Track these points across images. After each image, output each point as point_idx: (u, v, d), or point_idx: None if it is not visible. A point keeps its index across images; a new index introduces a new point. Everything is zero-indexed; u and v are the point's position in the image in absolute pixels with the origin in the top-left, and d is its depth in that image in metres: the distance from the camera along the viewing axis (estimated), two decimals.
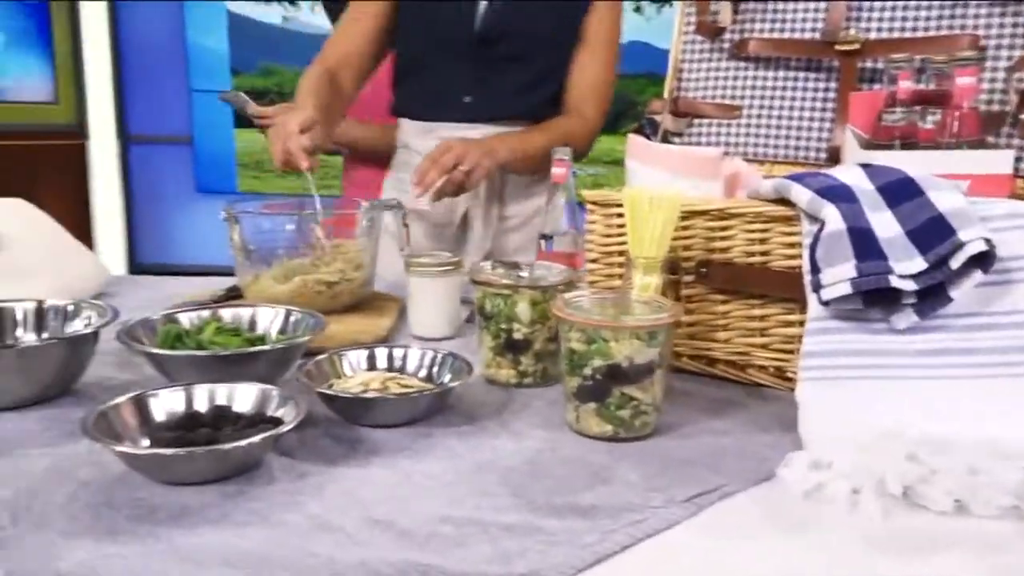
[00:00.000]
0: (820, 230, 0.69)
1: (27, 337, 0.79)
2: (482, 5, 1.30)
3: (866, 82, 0.99)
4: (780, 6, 1.06)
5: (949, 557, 0.52)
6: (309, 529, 0.53)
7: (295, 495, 0.57)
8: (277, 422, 0.63)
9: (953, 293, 0.67)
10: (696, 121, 1.11)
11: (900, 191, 0.71)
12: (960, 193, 0.69)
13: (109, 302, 0.84)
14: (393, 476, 0.61)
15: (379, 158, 1.54)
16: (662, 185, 0.85)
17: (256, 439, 0.59)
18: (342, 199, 1.17)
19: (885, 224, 0.69)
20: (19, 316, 0.81)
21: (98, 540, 0.51)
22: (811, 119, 1.03)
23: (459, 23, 1.31)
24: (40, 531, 0.51)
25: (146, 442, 0.61)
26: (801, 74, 1.04)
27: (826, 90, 1.02)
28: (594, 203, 0.88)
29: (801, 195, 0.72)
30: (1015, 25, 0.93)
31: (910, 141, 0.83)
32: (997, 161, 0.80)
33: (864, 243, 0.67)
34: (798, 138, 1.04)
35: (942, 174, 0.76)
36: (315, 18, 4.58)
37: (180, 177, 4.54)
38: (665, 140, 1.10)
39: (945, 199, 0.68)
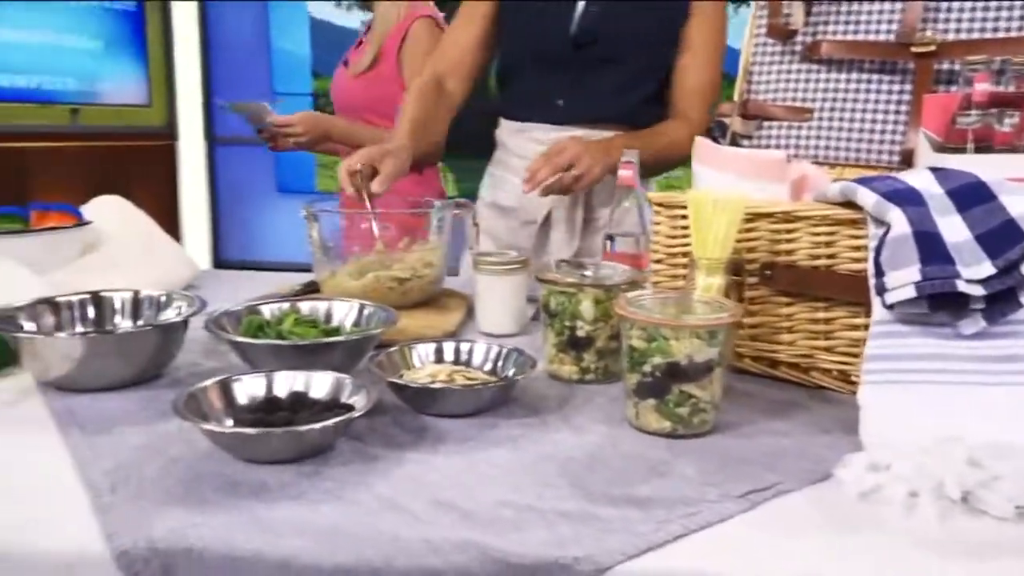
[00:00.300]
0: (886, 233, 0.69)
1: (124, 324, 0.86)
2: (579, 7, 1.32)
3: (943, 84, 0.98)
4: (854, 7, 1.05)
5: (1007, 563, 0.52)
6: (377, 508, 0.56)
7: (365, 476, 0.61)
8: (349, 408, 0.66)
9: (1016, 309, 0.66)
10: (766, 123, 1.11)
11: (971, 195, 0.70)
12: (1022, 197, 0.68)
13: (197, 294, 0.90)
14: (458, 463, 0.64)
15: None
16: (728, 188, 0.86)
17: (330, 423, 0.62)
18: (415, 200, 1.20)
19: (954, 228, 0.69)
20: (117, 304, 0.87)
21: (187, 510, 0.55)
22: (884, 122, 1.02)
23: (555, 26, 1.33)
24: (135, 500, 0.56)
25: (230, 423, 0.65)
26: (875, 76, 1.03)
27: (900, 92, 1.01)
28: (660, 205, 0.89)
29: (867, 198, 0.72)
30: None
31: (985, 144, 0.82)
32: None
33: (930, 247, 0.67)
34: (870, 141, 1.03)
35: (1018, 178, 0.75)
36: None
37: (262, 177, 4.71)
38: (734, 142, 1.10)
39: (1018, 204, 0.67)
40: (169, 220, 4.44)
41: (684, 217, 0.85)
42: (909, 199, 0.70)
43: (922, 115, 0.89)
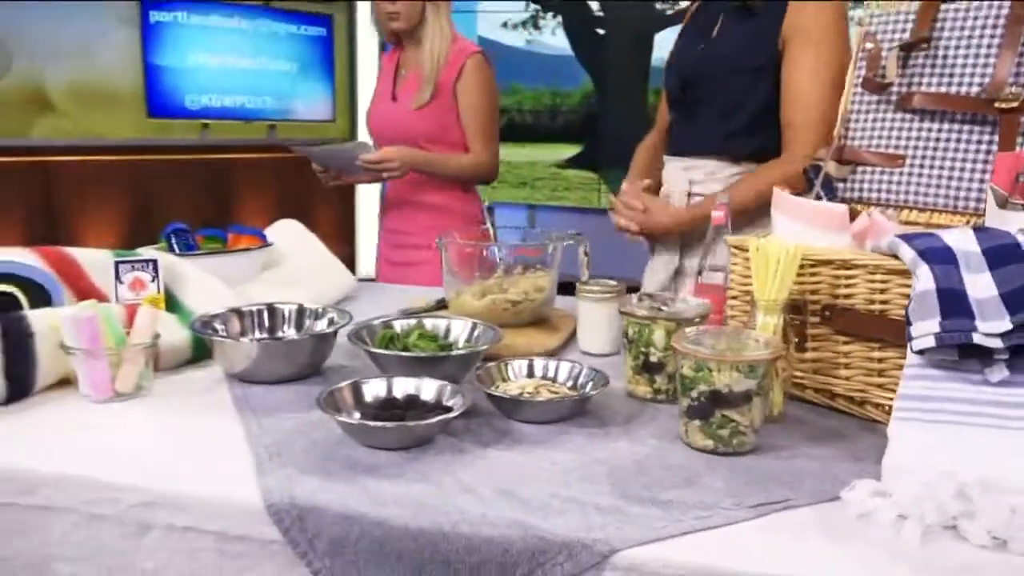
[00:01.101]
0: (915, 287, 0.77)
1: (289, 332, 1.08)
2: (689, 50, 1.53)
3: None
4: (949, 60, 1.10)
5: (981, 565, 0.61)
6: (455, 490, 0.73)
7: (452, 464, 0.78)
8: (449, 410, 0.84)
9: None
10: (860, 168, 1.18)
11: (1004, 255, 0.77)
12: None
13: (354, 305, 1.11)
14: (527, 460, 0.79)
15: None
16: (797, 235, 0.96)
17: (432, 421, 0.80)
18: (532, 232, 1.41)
19: (982, 285, 0.76)
20: (286, 315, 1.10)
21: (319, 479, 0.74)
22: (972, 171, 1.07)
23: (671, 68, 1.57)
24: (283, 468, 0.76)
25: (357, 415, 0.85)
26: (966, 127, 1.08)
27: (989, 143, 1.05)
28: (735, 247, 1.00)
29: (906, 254, 0.80)
30: None
31: None
32: None
33: (952, 302, 0.75)
34: (958, 189, 1.08)
35: None
36: (556, 40, 4.90)
37: None
38: (828, 185, 1.18)
39: None
40: (346, 223, 4.90)
41: None
42: (941, 257, 0.78)
43: (994, 170, 0.94)
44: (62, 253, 1.12)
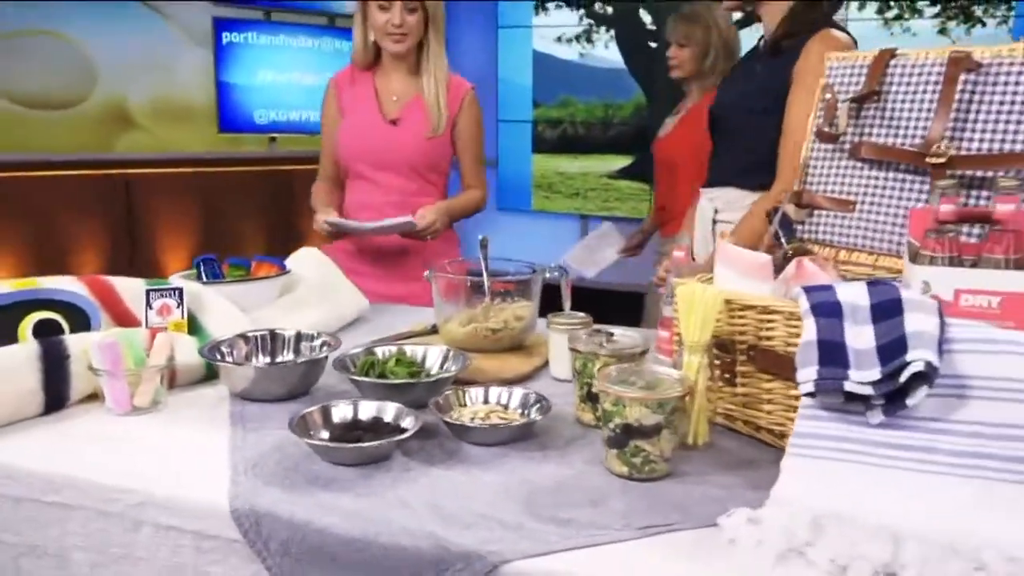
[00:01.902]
0: (802, 338, 0.86)
1: (288, 356, 1.23)
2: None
3: (964, 188, 1.08)
4: (896, 113, 1.17)
5: None
6: (392, 503, 0.86)
7: (397, 481, 0.91)
8: (405, 431, 0.97)
9: (909, 401, 0.81)
10: (816, 212, 1.26)
11: (887, 310, 0.85)
12: (934, 316, 0.82)
13: (363, 326, 1.25)
14: (463, 480, 0.92)
15: None
16: (731, 281, 1.06)
17: (382, 442, 0.93)
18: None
19: (864, 337, 0.84)
20: (286, 340, 1.25)
21: (281, 490, 0.88)
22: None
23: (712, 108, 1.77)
24: (253, 479, 0.91)
25: (326, 435, 0.99)
26: (908, 177, 1.15)
27: (930, 192, 1.12)
28: (672, 293, 1.10)
29: (801, 306, 0.89)
30: None
31: (952, 256, 0.94)
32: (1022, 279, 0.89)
33: (829, 353, 0.83)
34: (901, 235, 1.15)
35: (973, 289, 0.89)
36: (609, 54, 4.98)
37: None
38: (788, 226, 1.26)
39: (914, 321, 0.82)
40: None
41: None
42: (828, 311, 0.86)
43: (909, 224, 1.01)
44: (103, 282, 1.30)
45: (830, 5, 1.59)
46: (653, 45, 4.85)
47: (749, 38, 2.08)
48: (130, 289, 1.30)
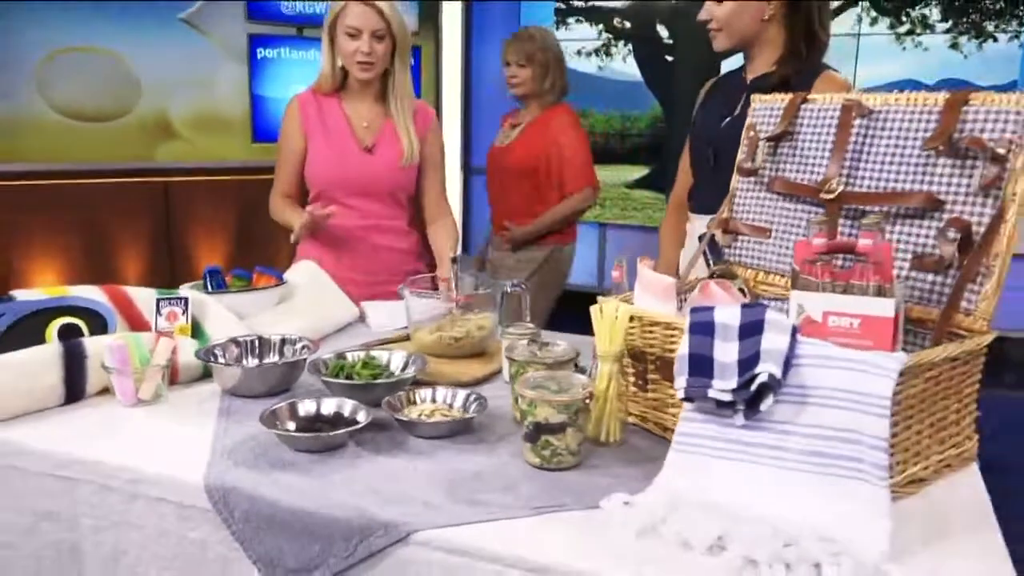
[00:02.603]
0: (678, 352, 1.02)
1: (271, 358, 1.42)
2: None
3: (850, 219, 1.22)
4: (804, 151, 1.31)
5: (661, 557, 0.86)
6: (338, 483, 1.03)
7: (347, 466, 1.08)
8: (357, 423, 1.15)
9: (762, 407, 0.96)
10: (740, 237, 1.40)
11: (751, 329, 1.00)
12: (786, 334, 0.97)
13: (349, 331, 1.44)
14: (403, 466, 1.09)
15: None
16: (645, 301, 1.21)
17: (335, 433, 1.11)
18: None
19: (729, 352, 1.00)
20: (272, 344, 1.44)
21: (247, 471, 1.06)
22: None
23: (696, 138, 1.91)
24: (227, 462, 1.09)
25: (292, 426, 1.17)
26: (812, 208, 1.29)
27: (807, 226, 1.26)
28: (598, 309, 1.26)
29: (685, 324, 1.05)
30: (969, 183, 1.11)
31: (822, 282, 1.08)
32: (883, 306, 1.03)
33: (698, 365, 0.99)
34: None
35: (838, 311, 1.04)
36: (627, 67, 5.12)
37: None
38: (717, 250, 1.42)
39: (770, 339, 0.97)
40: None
41: None
42: (702, 329, 1.02)
43: (794, 253, 1.16)
44: (120, 290, 1.51)
45: (823, 47, 1.74)
46: (669, 59, 4.97)
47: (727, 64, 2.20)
48: (144, 298, 1.50)
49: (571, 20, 5.22)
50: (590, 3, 5.16)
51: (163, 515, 1.07)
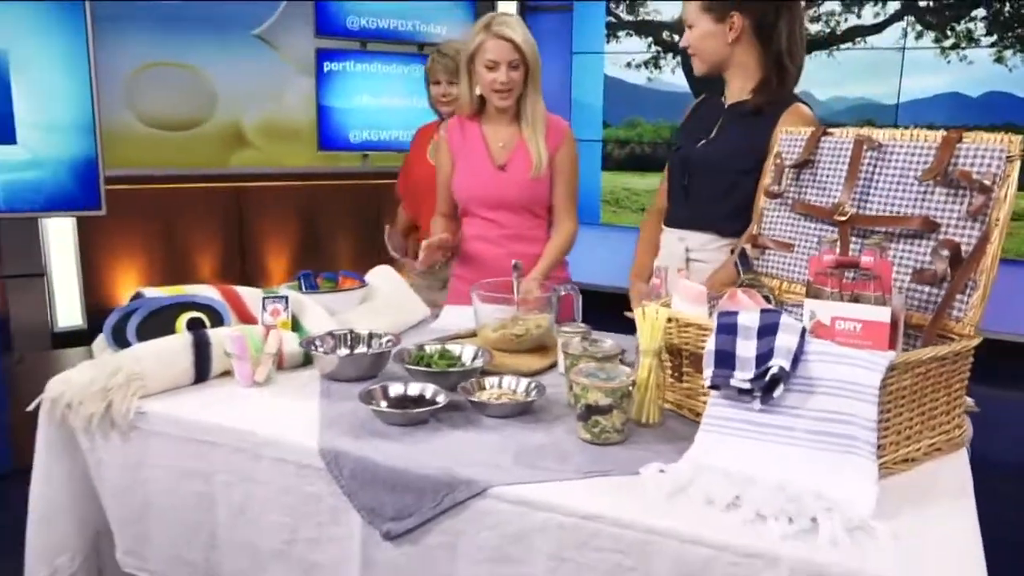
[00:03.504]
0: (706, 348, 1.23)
1: (360, 349, 1.67)
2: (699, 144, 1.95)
3: (861, 238, 1.42)
4: (823, 178, 1.51)
5: (687, 512, 1.07)
6: (425, 449, 1.27)
7: (430, 437, 1.32)
8: (437, 404, 1.38)
9: (775, 394, 1.17)
10: (767, 251, 1.61)
11: (768, 329, 1.21)
12: (796, 335, 1.18)
13: (422, 327, 1.69)
14: (476, 439, 1.32)
15: None
16: (681, 305, 1.43)
17: (420, 411, 1.35)
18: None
19: (748, 348, 1.20)
20: (362, 337, 1.69)
21: (352, 439, 1.31)
22: None
23: (674, 156, 2.03)
24: (333, 431, 1.34)
25: (384, 404, 1.41)
26: (830, 228, 1.49)
27: (819, 244, 1.46)
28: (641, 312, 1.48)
29: (712, 325, 1.26)
30: (960, 209, 1.30)
31: (832, 292, 1.29)
32: (881, 313, 1.22)
33: (722, 359, 1.20)
34: None
35: (843, 317, 1.24)
36: (674, 79, 5.31)
37: None
38: (746, 262, 1.62)
39: (783, 338, 1.18)
40: None
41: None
42: (726, 329, 1.23)
43: (810, 266, 1.36)
44: (231, 289, 1.77)
45: (793, 78, 1.90)
46: None
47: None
48: (251, 296, 1.77)
49: (621, 33, 5.42)
50: (640, 17, 5.36)
51: (284, 473, 1.32)
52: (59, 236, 4.40)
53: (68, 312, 4.56)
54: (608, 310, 1.85)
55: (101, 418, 1.44)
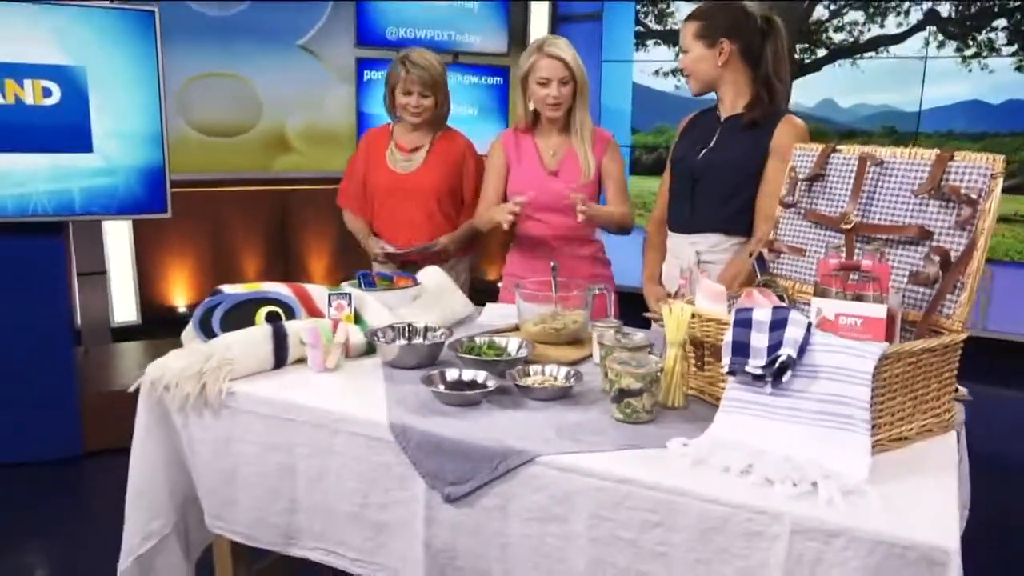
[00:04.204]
0: (724, 340, 1.42)
1: (417, 340, 1.88)
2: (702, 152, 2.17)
3: (865, 243, 1.60)
4: (832, 190, 1.69)
5: (707, 477, 1.27)
6: (481, 426, 1.47)
7: (483, 416, 1.52)
8: (487, 387, 1.58)
9: (784, 379, 1.35)
10: (782, 255, 1.79)
11: (778, 323, 1.39)
12: (803, 328, 1.36)
13: (468, 322, 1.89)
14: (523, 416, 1.52)
15: None
16: (704, 302, 1.62)
17: (475, 392, 1.56)
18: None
19: (761, 340, 1.39)
20: (418, 329, 1.89)
21: (417, 416, 1.51)
22: None
23: (676, 166, 2.24)
24: (401, 408, 1.54)
25: (442, 387, 1.62)
26: (837, 235, 1.67)
27: (825, 249, 1.64)
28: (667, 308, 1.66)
29: (730, 320, 1.45)
30: (951, 219, 1.47)
31: (837, 291, 1.47)
32: (878, 310, 1.40)
33: (738, 349, 1.39)
34: None
35: (846, 313, 1.42)
36: None
37: None
38: (763, 265, 1.80)
39: (791, 331, 1.36)
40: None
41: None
42: (742, 323, 1.42)
43: (818, 269, 1.54)
44: (301, 287, 1.99)
45: (782, 94, 2.12)
46: None
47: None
48: (318, 293, 1.99)
49: (649, 43, 5.60)
50: (668, 27, 5.53)
51: (356, 445, 1.53)
52: (116, 237, 4.67)
53: (124, 308, 4.84)
54: (641, 309, 2.05)
55: (196, 399, 1.66)
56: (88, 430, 3.31)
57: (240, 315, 1.87)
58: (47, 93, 3.03)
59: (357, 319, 1.96)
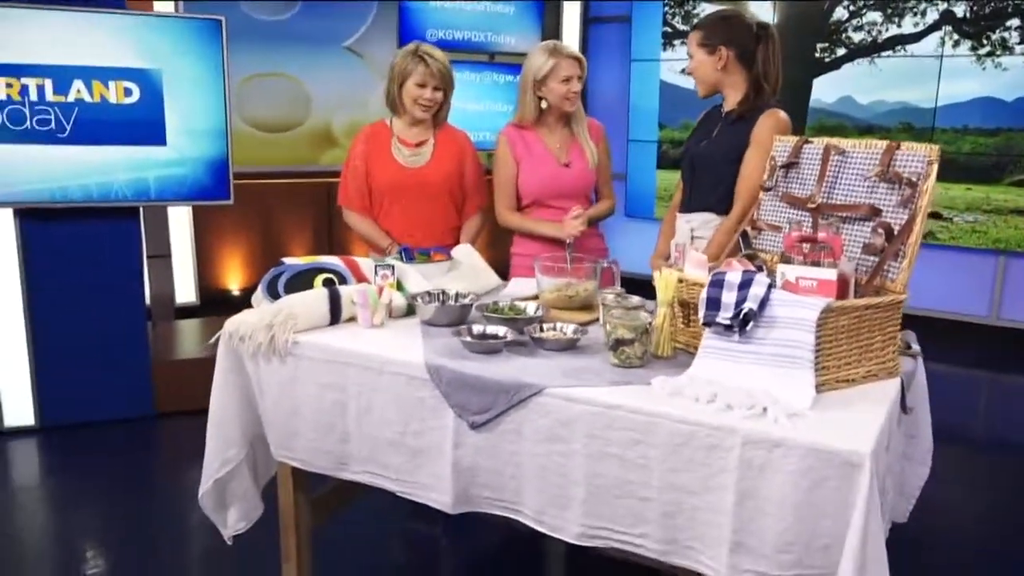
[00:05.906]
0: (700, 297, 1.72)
1: (450, 303, 2.20)
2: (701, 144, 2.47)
3: (826, 219, 1.88)
4: (804, 175, 1.98)
5: (680, 404, 1.57)
6: (501, 368, 1.78)
7: (503, 361, 1.83)
8: (505, 338, 1.90)
9: (747, 328, 1.65)
10: (762, 232, 2.08)
11: (745, 284, 1.69)
12: (764, 287, 1.65)
13: (494, 292, 2.22)
14: (535, 362, 1.83)
15: None
16: (690, 269, 1.91)
17: (497, 342, 1.88)
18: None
19: (731, 297, 1.69)
20: (451, 295, 2.22)
21: (448, 359, 1.83)
22: None
23: (684, 156, 2.55)
24: (435, 353, 1.86)
25: (469, 338, 1.94)
26: (807, 214, 1.95)
27: (789, 224, 1.92)
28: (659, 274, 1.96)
29: (707, 282, 1.74)
30: (896, 199, 1.75)
31: (798, 259, 1.75)
32: (829, 273, 1.69)
33: (711, 304, 1.69)
34: None
35: (804, 276, 1.72)
36: None
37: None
38: (747, 240, 2.09)
39: (754, 289, 1.66)
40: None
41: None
42: (716, 284, 1.71)
43: (785, 241, 1.83)
44: (351, 259, 2.34)
45: (771, 90, 2.41)
46: None
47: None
48: (366, 265, 2.32)
49: (676, 42, 5.86)
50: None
51: (398, 383, 1.86)
52: (178, 226, 5.09)
53: (184, 289, 5.26)
54: (638, 292, 2.35)
55: (266, 347, 2.01)
56: (159, 393, 3.72)
57: (301, 281, 2.21)
58: (128, 93, 3.43)
59: (399, 286, 2.29)
